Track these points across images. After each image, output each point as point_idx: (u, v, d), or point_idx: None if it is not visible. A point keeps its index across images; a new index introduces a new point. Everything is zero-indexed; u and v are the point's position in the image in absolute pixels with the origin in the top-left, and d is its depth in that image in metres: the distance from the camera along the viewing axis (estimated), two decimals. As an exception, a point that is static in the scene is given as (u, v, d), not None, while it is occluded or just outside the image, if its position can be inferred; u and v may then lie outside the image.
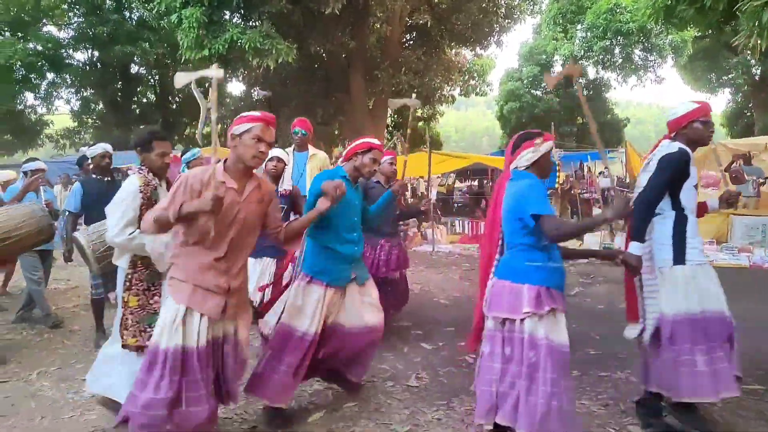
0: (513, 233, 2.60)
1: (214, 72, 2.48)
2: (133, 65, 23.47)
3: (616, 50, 24.36)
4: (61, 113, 24.70)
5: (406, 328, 5.05)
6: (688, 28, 9.36)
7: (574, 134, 24.97)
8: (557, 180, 9.19)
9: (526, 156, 2.63)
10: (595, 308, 5.73)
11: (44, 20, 21.42)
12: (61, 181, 11.30)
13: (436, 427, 3.08)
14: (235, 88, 34.67)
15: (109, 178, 4.66)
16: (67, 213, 4.56)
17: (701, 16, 7.45)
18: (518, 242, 2.57)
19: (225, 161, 2.65)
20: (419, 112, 22.14)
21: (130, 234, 2.95)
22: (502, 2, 17.70)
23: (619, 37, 23.30)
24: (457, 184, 20.32)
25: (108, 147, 4.69)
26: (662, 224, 2.88)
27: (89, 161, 5.25)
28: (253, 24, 13.66)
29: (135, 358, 2.95)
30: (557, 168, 9.33)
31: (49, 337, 4.94)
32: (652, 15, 8.32)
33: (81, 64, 22.55)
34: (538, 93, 27.13)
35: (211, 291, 2.51)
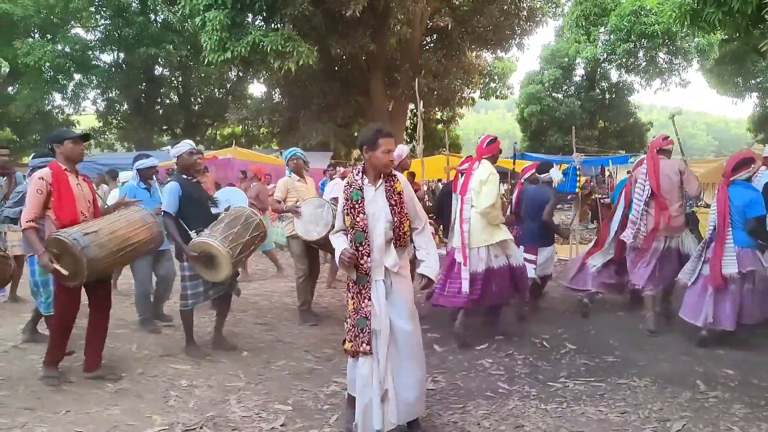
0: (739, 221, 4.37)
1: None
2: (157, 67, 23.93)
3: (640, 53, 24.04)
4: (87, 113, 25.28)
5: (422, 332, 5.06)
6: (715, 32, 9.19)
7: (595, 138, 24.69)
8: (577, 184, 9.09)
9: (745, 175, 4.43)
10: (614, 315, 5.67)
11: (72, 23, 21.99)
12: (96, 181, 11.50)
13: (452, 431, 3.09)
14: (256, 89, 35.09)
15: (196, 179, 4.47)
16: (163, 214, 4.23)
17: (729, 19, 7.33)
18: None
19: None
20: (439, 115, 22.12)
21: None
22: (524, 5, 17.63)
23: (643, 40, 23.00)
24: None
25: (193, 144, 4.50)
26: None
27: (144, 166, 5.09)
28: (275, 27, 13.82)
29: (351, 363, 2.99)
30: (577, 172, 9.23)
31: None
32: (678, 18, 8.20)
33: (107, 66, 23.07)
34: (560, 96, 26.89)
35: None
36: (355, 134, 20.87)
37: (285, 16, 13.60)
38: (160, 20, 22.84)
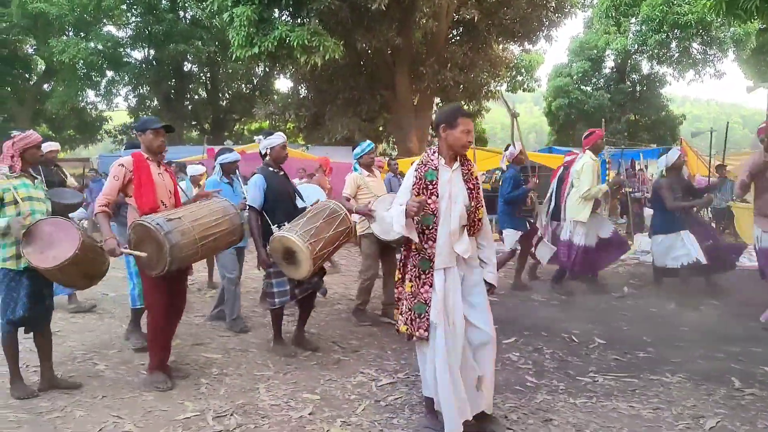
0: None
1: None
2: (186, 63, 24.31)
3: (673, 44, 23.33)
4: (119, 109, 25.87)
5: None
6: (753, 20, 8.85)
7: (624, 131, 24.14)
8: (607, 178, 8.91)
9: None
10: (646, 310, 5.56)
11: (104, 20, 22.47)
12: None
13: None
14: (283, 85, 35.29)
15: (283, 171, 4.35)
16: (248, 209, 4.17)
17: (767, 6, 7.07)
18: None
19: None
20: (465, 108, 21.89)
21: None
22: (552, -4, 17.29)
23: (676, 30, 22.31)
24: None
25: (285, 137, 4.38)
26: None
27: (228, 161, 5.03)
28: (302, 21, 13.87)
29: (420, 358, 2.91)
30: (606, 166, 9.06)
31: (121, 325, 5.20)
32: (713, 6, 7.93)
33: (138, 63, 23.52)
34: (588, 89, 26.35)
35: None
36: (380, 128, 20.91)
37: (311, 10, 13.64)
38: (189, 17, 23.18)
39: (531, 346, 4.47)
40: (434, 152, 2.86)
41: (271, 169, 4.22)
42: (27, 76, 24.67)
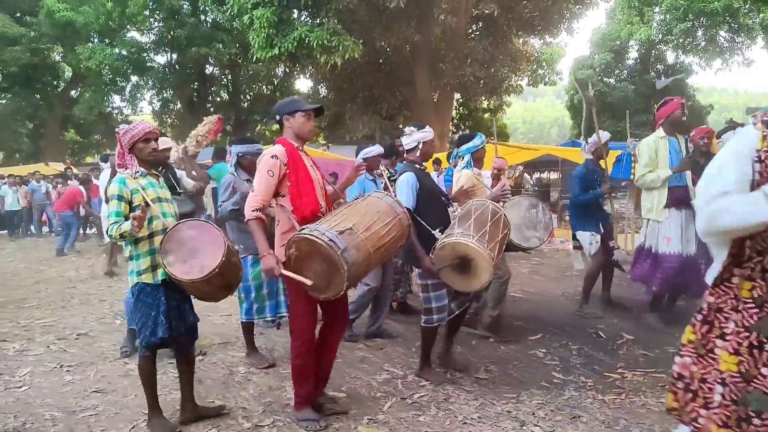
0: None
1: None
2: (207, 66, 24.63)
3: (699, 32, 22.77)
4: (143, 114, 26.38)
5: (476, 321, 5.03)
6: (782, 5, 8.63)
7: (649, 123, 23.66)
8: (632, 171, 8.74)
9: None
10: (673, 306, 5.45)
11: (128, 26, 22.93)
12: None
13: (506, 420, 3.06)
14: (303, 85, 35.57)
15: (425, 168, 3.85)
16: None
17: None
18: None
19: None
20: (485, 104, 21.77)
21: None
22: (573, -13, 17.05)
23: (702, 18, 21.76)
24: (525, 176, 19.82)
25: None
26: None
27: (371, 155, 4.54)
28: (321, 22, 13.96)
29: None
30: (632, 159, 8.88)
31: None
32: (741, -8, 7.72)
33: (161, 67, 23.93)
34: (611, 81, 25.91)
35: None
36: (400, 126, 20.89)
37: (330, 10, 13.72)
38: (210, 20, 23.48)
39: (557, 342, 4.43)
40: None
41: (418, 166, 3.72)
42: (55, 83, 25.34)
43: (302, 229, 2.68)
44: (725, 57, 23.25)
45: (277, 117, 3.02)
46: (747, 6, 19.66)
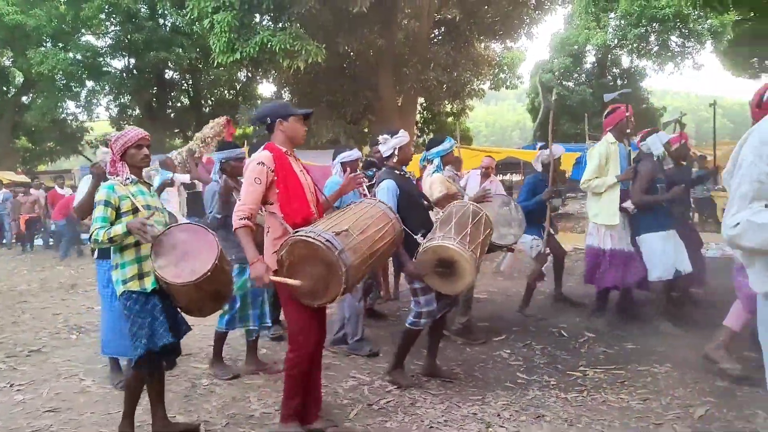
0: None
1: None
2: (167, 71, 24.10)
3: (652, 37, 23.64)
4: (100, 120, 25.58)
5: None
6: (729, 12, 9.00)
7: (607, 126, 24.38)
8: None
9: None
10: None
11: (83, 30, 22.20)
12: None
13: (471, 422, 3.08)
14: (266, 89, 35.25)
15: (407, 173, 3.81)
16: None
17: (743, -2, 7.19)
18: None
19: None
20: (449, 107, 22.00)
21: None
22: (532, -7, 17.44)
23: (654, 24, 22.61)
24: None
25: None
26: None
27: (350, 159, 4.43)
28: (283, 26, 13.84)
29: None
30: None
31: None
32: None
33: (118, 72, 23.27)
34: (571, 84, 26.59)
35: None
36: (365, 130, 20.92)
37: (292, 15, 13.62)
38: (169, 24, 22.99)
39: (521, 342, 4.49)
40: None
41: (397, 171, 3.71)
42: (5, 88, 24.31)
43: (296, 231, 2.60)
44: (677, 61, 24.20)
45: (269, 120, 2.93)
46: (696, 12, 20.51)
